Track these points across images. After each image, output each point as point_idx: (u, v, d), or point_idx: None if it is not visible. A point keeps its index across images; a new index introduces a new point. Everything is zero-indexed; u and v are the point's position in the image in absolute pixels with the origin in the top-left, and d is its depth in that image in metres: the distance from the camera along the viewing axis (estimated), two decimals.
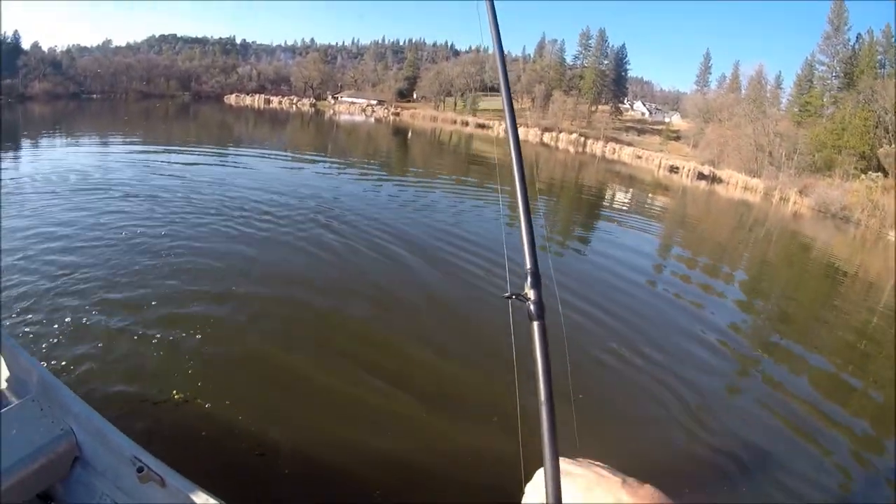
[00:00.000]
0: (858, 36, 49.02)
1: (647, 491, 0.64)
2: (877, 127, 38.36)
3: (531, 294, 0.68)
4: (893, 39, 44.62)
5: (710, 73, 74.23)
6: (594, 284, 8.97)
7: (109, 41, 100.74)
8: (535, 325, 0.65)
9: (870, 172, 34.95)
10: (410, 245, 9.49)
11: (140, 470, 2.13)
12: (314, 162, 21.52)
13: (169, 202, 10.61)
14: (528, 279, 0.70)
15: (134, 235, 8.25)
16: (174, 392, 4.38)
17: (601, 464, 0.67)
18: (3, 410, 2.35)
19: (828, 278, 14.61)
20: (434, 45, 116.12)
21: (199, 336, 5.37)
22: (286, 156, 22.17)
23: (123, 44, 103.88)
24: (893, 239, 25.96)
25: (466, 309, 7.09)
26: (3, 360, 2.72)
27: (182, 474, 2.19)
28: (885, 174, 34.62)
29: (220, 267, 7.38)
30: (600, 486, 0.63)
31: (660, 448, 4.68)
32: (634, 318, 7.59)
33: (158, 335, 5.25)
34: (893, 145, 36.02)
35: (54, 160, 14.86)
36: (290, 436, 4.08)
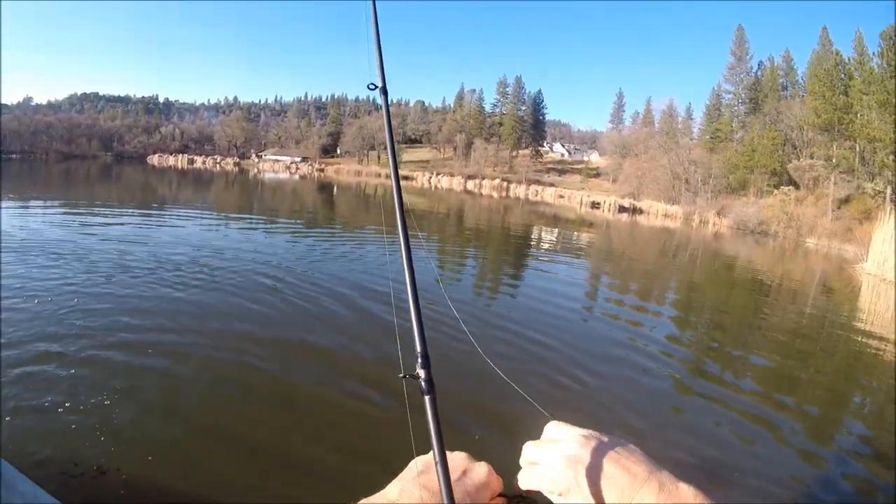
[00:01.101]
0: (760, 63, 52.24)
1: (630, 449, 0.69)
2: (784, 144, 40.26)
3: (422, 373, 0.77)
4: (793, 62, 47.54)
5: (624, 111, 77.39)
6: (529, 321, 8.39)
7: (30, 98, 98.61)
8: (427, 399, 0.75)
9: (782, 187, 36.46)
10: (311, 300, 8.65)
11: None
12: (240, 221, 20.59)
13: (97, 263, 9.68)
14: (419, 360, 0.79)
15: (63, 294, 7.50)
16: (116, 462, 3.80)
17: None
18: None
19: (754, 290, 14.60)
20: (356, 99, 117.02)
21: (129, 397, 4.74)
22: (212, 216, 21.18)
23: (44, 101, 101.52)
24: (812, 246, 26.64)
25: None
26: None
27: None
28: (797, 187, 36.11)
29: (147, 321, 6.57)
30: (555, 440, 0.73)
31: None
32: (573, 343, 7.38)
33: (90, 398, 4.63)
34: (801, 159, 37.58)
35: None
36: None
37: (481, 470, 0.71)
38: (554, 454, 0.68)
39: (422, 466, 0.70)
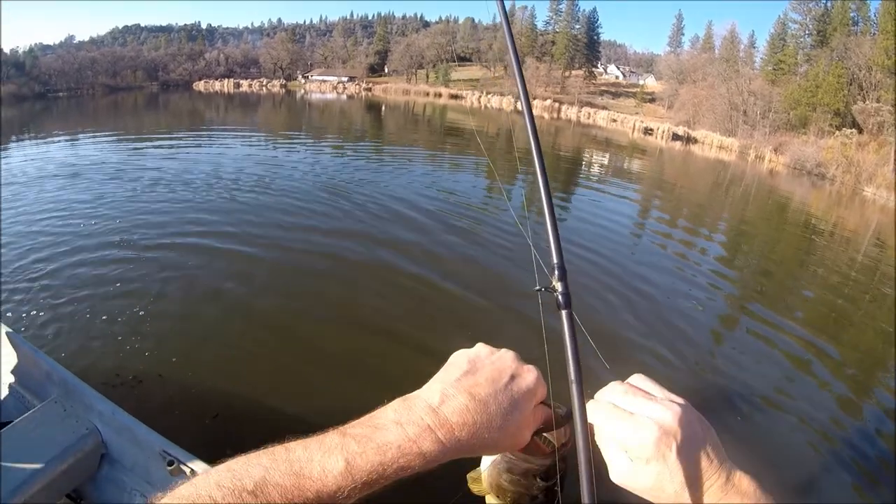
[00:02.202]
0: None
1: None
2: (850, 84, 38.06)
3: (559, 286, 0.75)
4: None
5: (683, 34, 74.09)
6: (581, 245, 9.04)
7: (72, 37, 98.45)
8: (564, 313, 0.72)
9: (844, 129, 34.86)
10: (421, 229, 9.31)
11: (171, 463, 2.13)
12: (295, 142, 21.14)
13: (156, 185, 11.06)
14: (556, 272, 0.77)
15: (119, 216, 8.77)
16: (188, 372, 4.53)
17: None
18: (26, 414, 2.35)
19: (806, 233, 14.72)
20: (404, 17, 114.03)
21: (207, 317, 5.62)
22: (264, 137, 21.88)
23: (87, 38, 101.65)
24: (870, 195, 26.02)
25: (490, 293, 6.74)
26: (22, 363, 2.72)
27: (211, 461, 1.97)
28: (860, 131, 34.58)
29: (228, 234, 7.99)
30: (636, 396, 0.69)
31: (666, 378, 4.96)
32: (623, 275, 7.83)
33: (156, 319, 5.44)
34: (867, 102, 35.93)
35: (29, 159, 14.68)
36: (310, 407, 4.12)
37: (530, 376, 0.68)
38: (646, 417, 0.64)
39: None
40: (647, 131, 48.65)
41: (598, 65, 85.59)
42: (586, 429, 0.65)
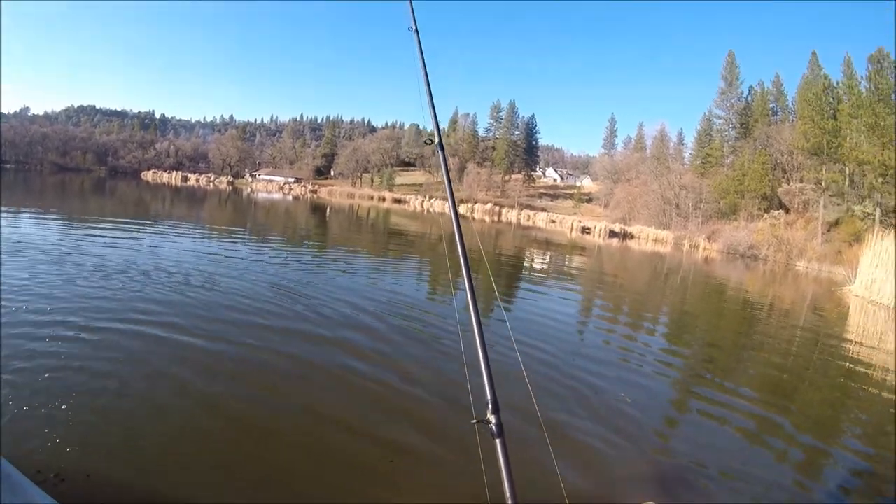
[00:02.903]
0: (750, 88, 52.89)
1: None
2: (774, 169, 40.60)
3: (492, 418, 0.80)
4: (783, 87, 48.15)
5: (616, 136, 77.73)
6: (528, 343, 8.54)
7: (27, 109, 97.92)
8: (498, 442, 0.78)
9: (772, 211, 36.61)
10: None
11: None
12: (242, 240, 20.65)
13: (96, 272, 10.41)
14: (490, 406, 0.81)
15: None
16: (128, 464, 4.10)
17: None
18: None
19: (746, 312, 14.74)
20: (352, 121, 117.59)
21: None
22: (211, 234, 21.33)
23: (41, 112, 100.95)
24: (802, 269, 26.74)
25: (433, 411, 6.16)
26: None
27: None
28: (787, 211, 36.30)
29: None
30: None
31: (623, 463, 4.84)
32: (570, 369, 7.60)
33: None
34: (792, 183, 37.85)
35: None
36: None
37: None
38: None
39: None
40: (585, 230, 49.45)
41: (537, 168, 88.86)
42: None
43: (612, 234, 46.71)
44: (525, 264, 23.18)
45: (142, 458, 4.28)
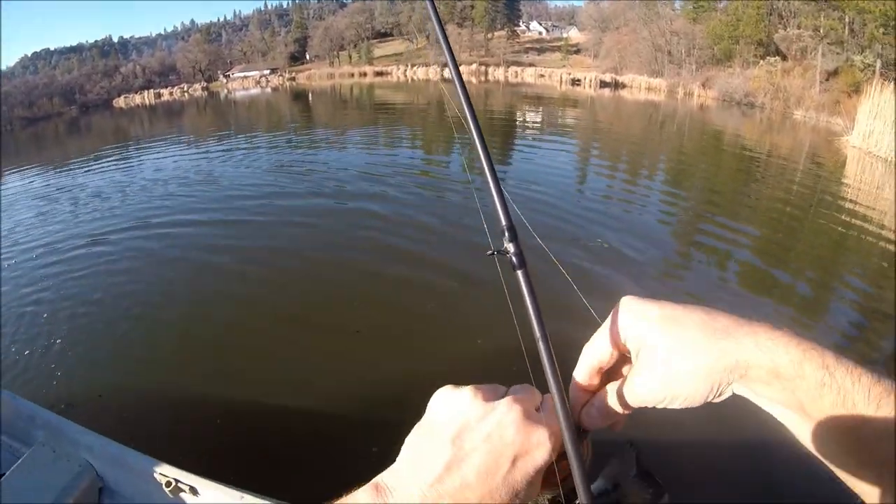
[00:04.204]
0: None
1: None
2: (770, 14, 38.72)
3: (511, 247, 0.73)
4: None
5: None
6: (531, 199, 9.02)
7: None
8: (520, 273, 0.71)
9: (768, 58, 35.37)
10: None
11: (168, 484, 2.13)
12: (227, 140, 20.80)
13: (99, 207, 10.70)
14: (506, 234, 0.75)
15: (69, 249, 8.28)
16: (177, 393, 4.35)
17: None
18: (17, 463, 2.27)
19: (743, 161, 15.08)
20: (319, 0, 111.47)
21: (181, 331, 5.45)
22: (196, 142, 21.23)
23: None
24: (800, 118, 26.48)
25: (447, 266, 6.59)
26: (2, 412, 2.60)
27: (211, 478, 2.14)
28: (784, 58, 35.17)
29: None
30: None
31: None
32: (572, 221, 7.91)
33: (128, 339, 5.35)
34: (789, 29, 36.45)
35: None
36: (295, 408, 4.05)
37: (540, 452, 0.51)
38: (682, 313, 0.51)
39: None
40: (576, 82, 48.77)
41: (520, 23, 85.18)
42: (561, 387, 0.55)
43: (604, 84, 46.05)
44: (518, 122, 23.11)
45: (176, 373, 4.66)
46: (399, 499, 0.48)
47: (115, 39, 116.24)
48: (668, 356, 0.49)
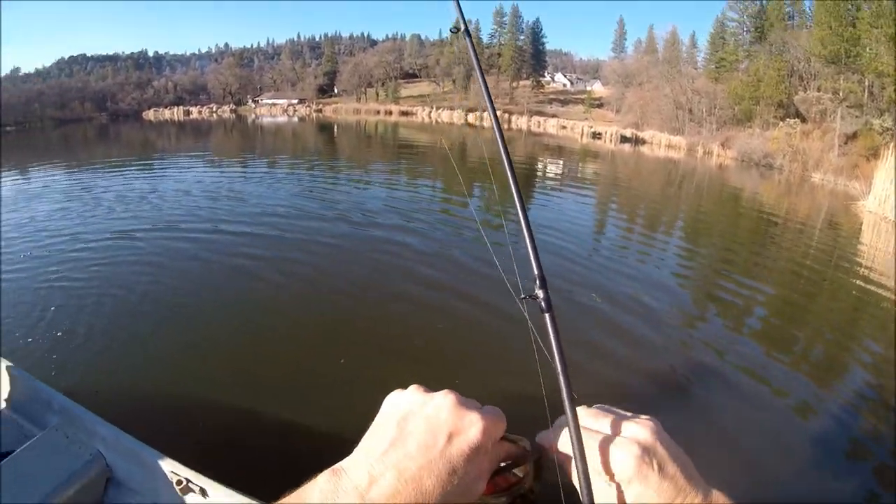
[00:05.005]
0: None
1: (647, 421, 0.66)
2: (790, 76, 38.97)
3: (540, 293, 0.80)
4: None
5: (626, 39, 75.27)
6: (546, 250, 8.95)
7: (17, 69, 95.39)
8: (547, 316, 0.78)
9: (788, 120, 35.44)
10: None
11: (179, 483, 2.12)
12: (250, 163, 21.23)
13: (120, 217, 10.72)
14: (537, 282, 0.82)
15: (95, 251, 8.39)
16: (191, 394, 4.43)
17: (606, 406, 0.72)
18: (27, 443, 2.32)
19: (760, 223, 14.98)
20: (351, 36, 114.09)
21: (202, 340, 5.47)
22: (222, 163, 21.80)
23: (32, 70, 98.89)
24: (818, 181, 26.54)
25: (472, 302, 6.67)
26: (21, 393, 2.73)
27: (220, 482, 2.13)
28: (803, 120, 35.22)
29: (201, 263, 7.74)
30: (607, 418, 0.67)
31: (635, 377, 5.11)
32: (586, 275, 7.90)
33: (156, 339, 5.41)
34: (808, 91, 36.78)
35: None
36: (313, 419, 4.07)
37: (472, 430, 0.59)
38: (622, 437, 0.62)
39: None
40: (596, 135, 49.19)
41: (545, 74, 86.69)
42: (577, 425, 0.62)
43: (624, 139, 46.37)
44: (538, 170, 23.34)
45: (196, 374, 4.75)
46: (352, 476, 0.54)
47: (151, 53, 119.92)
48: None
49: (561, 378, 0.67)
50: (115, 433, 2.36)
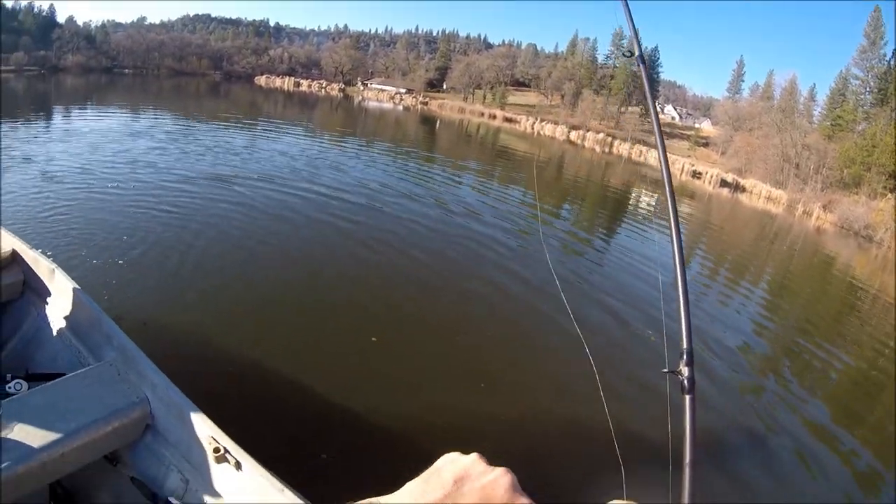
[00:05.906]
0: (894, 51, 47.84)
1: None
2: None
3: (685, 371, 0.74)
4: None
5: (743, 81, 73.18)
6: (612, 281, 9.35)
7: (143, 18, 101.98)
8: (687, 398, 0.72)
9: None
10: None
11: (217, 451, 2.13)
12: (349, 141, 22.37)
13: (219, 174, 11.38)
14: (684, 357, 0.76)
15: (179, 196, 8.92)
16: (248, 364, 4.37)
17: None
18: (81, 370, 2.44)
19: (848, 296, 14.66)
20: (468, 36, 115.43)
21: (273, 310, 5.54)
22: (322, 135, 23.15)
23: (157, 21, 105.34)
24: None
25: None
26: (85, 321, 2.81)
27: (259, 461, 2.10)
28: None
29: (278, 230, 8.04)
30: None
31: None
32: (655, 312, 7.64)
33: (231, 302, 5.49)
34: None
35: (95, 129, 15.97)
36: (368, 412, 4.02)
37: (504, 479, 0.59)
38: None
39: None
40: (696, 174, 48.74)
41: (656, 103, 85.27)
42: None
43: (724, 183, 45.66)
44: (630, 201, 23.41)
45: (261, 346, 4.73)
46: None
47: (272, 23, 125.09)
48: None
49: (687, 470, 0.61)
50: (166, 383, 2.39)
